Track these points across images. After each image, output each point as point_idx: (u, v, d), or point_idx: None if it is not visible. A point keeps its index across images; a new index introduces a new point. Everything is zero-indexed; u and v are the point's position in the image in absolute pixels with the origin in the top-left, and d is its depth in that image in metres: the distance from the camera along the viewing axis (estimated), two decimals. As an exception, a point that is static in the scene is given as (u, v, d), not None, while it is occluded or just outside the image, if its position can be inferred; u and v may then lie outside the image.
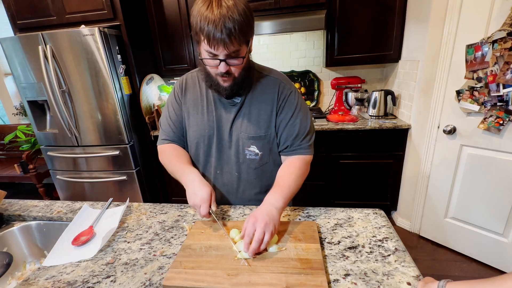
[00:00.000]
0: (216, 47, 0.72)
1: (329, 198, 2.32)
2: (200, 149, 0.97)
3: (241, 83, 0.84)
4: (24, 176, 2.82)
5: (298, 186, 0.89)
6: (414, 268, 0.66)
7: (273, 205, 0.78)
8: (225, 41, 0.70)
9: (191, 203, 0.83)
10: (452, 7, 1.61)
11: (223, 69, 0.77)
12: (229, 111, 0.92)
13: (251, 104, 0.90)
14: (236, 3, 0.70)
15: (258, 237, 0.69)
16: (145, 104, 2.33)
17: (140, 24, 2.31)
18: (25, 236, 1.05)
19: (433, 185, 1.95)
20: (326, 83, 2.61)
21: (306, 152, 0.93)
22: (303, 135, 0.92)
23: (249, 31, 0.75)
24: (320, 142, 2.14)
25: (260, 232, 0.69)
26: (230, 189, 1.01)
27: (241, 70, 0.81)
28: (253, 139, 0.92)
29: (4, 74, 3.24)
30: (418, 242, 2.07)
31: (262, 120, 0.91)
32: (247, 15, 0.72)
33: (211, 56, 0.76)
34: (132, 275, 0.70)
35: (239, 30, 0.70)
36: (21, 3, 2.17)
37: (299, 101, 0.92)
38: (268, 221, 0.72)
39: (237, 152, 0.94)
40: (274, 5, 2.08)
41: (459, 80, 1.66)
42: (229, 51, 0.73)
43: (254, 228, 0.71)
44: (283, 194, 0.82)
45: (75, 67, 2.04)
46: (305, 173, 0.92)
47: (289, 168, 0.91)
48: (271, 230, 0.71)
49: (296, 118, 0.91)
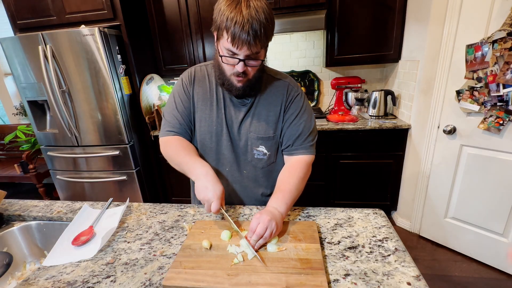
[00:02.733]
0: (240, 47, 0.72)
1: (329, 198, 2.32)
2: (207, 145, 0.97)
3: (253, 85, 0.85)
4: (24, 176, 2.82)
5: (300, 189, 0.90)
6: (414, 268, 0.66)
7: (276, 209, 0.80)
8: (250, 42, 0.71)
9: (201, 197, 0.79)
10: (452, 7, 1.61)
11: (241, 69, 0.77)
12: (238, 110, 0.92)
13: (261, 105, 0.92)
14: (263, 6, 0.71)
15: (259, 232, 0.72)
16: (145, 104, 2.33)
17: (140, 24, 2.31)
18: (25, 236, 1.05)
19: (433, 185, 1.95)
20: (326, 83, 2.61)
21: (308, 152, 0.93)
22: (306, 135, 0.93)
23: (271, 35, 0.77)
24: (320, 142, 2.12)
25: (262, 227, 0.72)
26: (237, 188, 1.01)
27: (256, 72, 0.83)
28: (262, 140, 0.93)
29: (4, 74, 3.24)
30: (418, 242, 2.07)
31: (271, 121, 0.92)
32: (272, 19, 0.74)
33: (230, 54, 0.76)
34: (132, 275, 0.70)
35: (264, 33, 0.71)
36: (21, 3, 2.17)
37: (305, 103, 0.94)
38: (272, 219, 0.74)
39: (246, 151, 0.95)
40: (274, 5, 2.08)
41: (459, 80, 1.66)
42: (251, 52, 0.74)
43: (257, 223, 0.73)
44: (285, 199, 0.83)
45: (75, 67, 2.04)
46: (306, 174, 0.92)
47: (290, 172, 0.91)
48: (273, 228, 0.73)
49: (301, 119, 0.92)
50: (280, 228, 0.77)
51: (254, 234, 0.72)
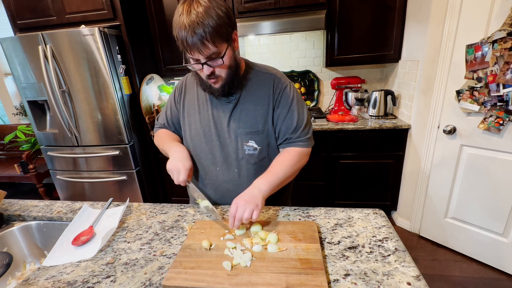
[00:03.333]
0: (193, 52, 0.76)
1: (329, 198, 2.32)
2: (198, 148, 0.99)
3: (231, 82, 0.86)
4: (24, 176, 2.82)
5: (289, 174, 0.91)
6: (414, 268, 0.66)
7: (256, 187, 0.83)
8: (198, 45, 0.73)
9: (169, 167, 0.89)
10: (452, 7, 1.61)
11: (207, 71, 0.80)
12: (225, 108, 0.94)
13: (247, 100, 0.92)
14: (207, 7, 0.72)
15: (239, 216, 0.76)
16: (145, 104, 2.33)
17: (140, 24, 2.31)
18: (25, 236, 1.05)
19: (433, 185, 1.95)
20: (326, 83, 2.61)
21: (305, 145, 0.95)
22: (301, 127, 0.93)
23: (224, 31, 0.76)
24: (320, 142, 2.14)
25: (240, 211, 0.77)
26: (231, 187, 1.01)
27: (227, 70, 0.83)
28: (251, 134, 0.93)
29: (4, 74, 3.24)
30: (418, 242, 2.07)
31: (259, 115, 0.92)
32: (220, 16, 0.74)
33: (194, 61, 0.80)
34: (132, 275, 0.70)
35: (210, 34, 0.72)
36: (21, 3, 2.17)
37: (294, 94, 0.94)
38: (249, 200, 0.78)
39: (236, 148, 0.95)
40: (274, 5, 2.08)
41: (459, 80, 1.66)
42: (206, 54, 0.76)
43: (236, 208, 0.78)
44: (269, 179, 0.86)
45: (75, 67, 2.04)
46: (300, 162, 0.94)
47: (283, 156, 0.93)
48: (252, 209, 0.77)
49: (293, 112, 0.92)
50: (260, 207, 0.79)
51: (235, 220, 0.77)
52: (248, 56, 2.62)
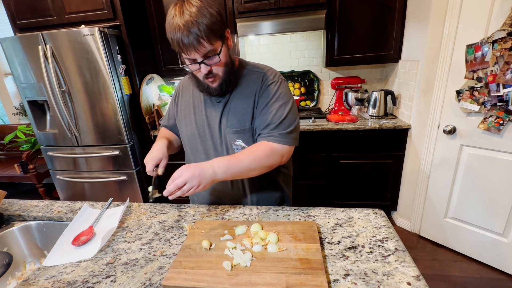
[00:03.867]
0: (189, 52, 0.76)
1: (329, 198, 2.32)
2: (192, 147, 1.00)
3: (228, 81, 0.86)
4: (24, 176, 2.82)
5: (254, 167, 0.84)
6: (414, 268, 0.66)
7: (213, 168, 0.79)
8: (194, 44, 0.74)
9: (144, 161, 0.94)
10: (452, 7, 1.61)
11: (205, 70, 0.80)
12: (216, 108, 0.94)
13: (236, 98, 0.92)
14: (199, 7, 0.73)
15: (178, 183, 0.75)
16: (145, 104, 2.33)
17: (140, 24, 2.31)
18: (25, 236, 1.05)
19: (433, 185, 1.95)
20: (326, 83, 2.61)
21: (278, 141, 0.86)
22: (275, 124, 0.87)
23: (218, 29, 0.77)
24: (320, 142, 2.14)
25: (182, 180, 0.75)
26: (224, 188, 1.01)
27: (224, 67, 0.84)
28: (238, 133, 0.92)
29: (4, 74, 3.24)
30: (418, 242, 2.07)
31: (246, 113, 0.91)
32: (212, 14, 0.75)
33: (190, 62, 0.80)
34: (132, 275, 0.70)
35: (205, 32, 0.73)
36: (21, 3, 2.17)
37: (278, 91, 0.89)
38: (197, 176, 0.76)
39: (227, 148, 0.95)
40: (274, 5, 2.08)
41: (459, 80, 1.66)
42: (202, 53, 0.76)
43: (180, 175, 0.76)
44: (230, 164, 0.81)
45: (75, 67, 2.04)
46: (269, 158, 0.86)
47: (253, 147, 0.87)
48: (192, 186, 0.76)
49: (270, 107, 0.88)
50: (201, 188, 0.77)
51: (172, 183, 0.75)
52: (248, 56, 2.63)
